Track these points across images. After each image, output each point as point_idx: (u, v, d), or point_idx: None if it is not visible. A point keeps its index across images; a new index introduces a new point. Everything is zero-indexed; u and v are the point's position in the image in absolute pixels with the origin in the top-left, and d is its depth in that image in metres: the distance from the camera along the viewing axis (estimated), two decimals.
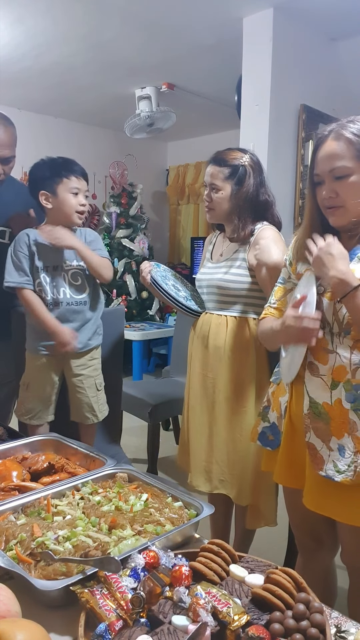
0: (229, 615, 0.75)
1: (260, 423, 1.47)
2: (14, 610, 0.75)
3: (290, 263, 1.40)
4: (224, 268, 1.78)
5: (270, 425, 1.43)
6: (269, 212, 1.80)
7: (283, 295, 1.43)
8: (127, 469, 1.24)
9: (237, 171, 1.72)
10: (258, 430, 1.48)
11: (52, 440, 1.44)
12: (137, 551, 0.88)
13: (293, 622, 0.75)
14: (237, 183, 1.72)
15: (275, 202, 1.83)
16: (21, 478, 1.22)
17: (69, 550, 0.93)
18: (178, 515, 1.05)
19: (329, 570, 1.51)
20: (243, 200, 1.73)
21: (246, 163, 1.73)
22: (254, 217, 1.76)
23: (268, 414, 1.45)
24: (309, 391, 1.27)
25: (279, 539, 2.02)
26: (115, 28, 3.35)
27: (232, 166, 1.73)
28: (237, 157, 1.74)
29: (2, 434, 1.52)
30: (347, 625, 0.81)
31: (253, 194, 1.74)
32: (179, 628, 0.75)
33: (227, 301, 1.76)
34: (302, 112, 3.31)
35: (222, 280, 1.75)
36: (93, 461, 1.31)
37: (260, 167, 1.78)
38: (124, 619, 0.76)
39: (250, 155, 1.76)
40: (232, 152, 1.77)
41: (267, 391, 1.49)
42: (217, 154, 1.78)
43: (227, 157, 1.75)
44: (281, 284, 1.46)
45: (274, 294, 1.46)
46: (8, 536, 0.97)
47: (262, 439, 1.46)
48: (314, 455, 1.25)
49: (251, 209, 1.75)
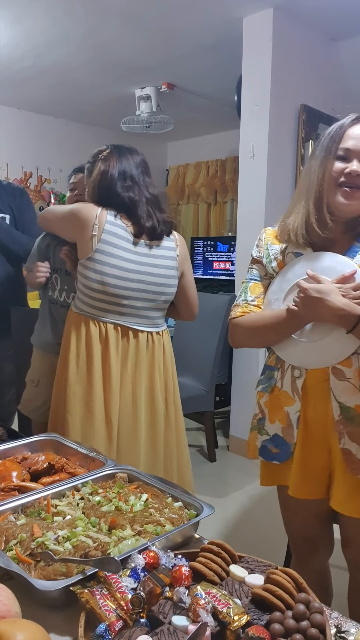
0: (229, 615, 0.75)
1: (258, 437, 1.38)
2: (14, 610, 0.75)
3: (268, 257, 1.36)
4: None
5: (271, 438, 1.35)
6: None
7: (263, 292, 1.37)
8: (127, 469, 1.24)
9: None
10: (257, 445, 1.39)
11: (52, 440, 1.43)
12: (137, 551, 0.87)
13: (293, 623, 0.75)
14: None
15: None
16: (21, 478, 1.21)
17: (68, 551, 0.93)
18: (178, 515, 1.05)
19: (324, 571, 1.50)
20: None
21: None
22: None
23: (265, 425, 1.37)
24: (337, 396, 1.23)
25: (279, 539, 2.02)
26: (115, 28, 3.35)
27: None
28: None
29: (2, 434, 1.52)
30: (347, 626, 0.81)
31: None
32: (179, 628, 0.75)
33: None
34: (302, 112, 3.31)
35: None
36: (93, 461, 1.30)
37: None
38: (124, 619, 0.76)
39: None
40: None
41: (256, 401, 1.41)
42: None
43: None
44: (257, 281, 1.39)
45: (248, 291, 1.39)
46: (8, 536, 0.97)
47: (264, 454, 1.37)
48: (350, 459, 1.22)
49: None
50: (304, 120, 3.32)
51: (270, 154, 3.18)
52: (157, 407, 1.82)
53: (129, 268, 1.71)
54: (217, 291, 4.62)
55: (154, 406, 1.82)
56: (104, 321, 1.74)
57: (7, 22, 3.32)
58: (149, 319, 1.80)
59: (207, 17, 3.17)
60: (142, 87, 4.41)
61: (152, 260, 1.76)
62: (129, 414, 1.78)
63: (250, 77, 3.24)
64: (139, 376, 1.79)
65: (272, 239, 1.39)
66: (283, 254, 1.34)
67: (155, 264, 1.77)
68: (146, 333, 1.79)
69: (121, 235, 1.71)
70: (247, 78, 3.26)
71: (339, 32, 3.35)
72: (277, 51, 3.11)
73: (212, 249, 5.33)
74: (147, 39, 3.52)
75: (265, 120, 3.16)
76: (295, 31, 3.21)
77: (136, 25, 3.32)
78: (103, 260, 1.69)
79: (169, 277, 1.81)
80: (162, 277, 1.78)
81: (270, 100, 3.13)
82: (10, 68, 4.04)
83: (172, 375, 1.91)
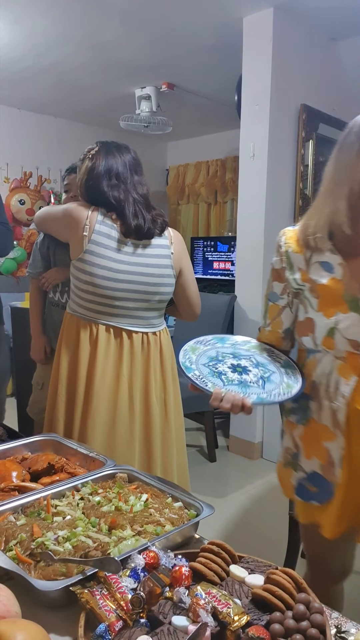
0: (229, 615, 0.75)
1: (293, 474, 1.23)
2: (14, 610, 0.75)
3: (291, 268, 1.18)
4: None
5: (308, 476, 1.20)
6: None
7: (279, 314, 1.24)
8: (127, 469, 1.24)
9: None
10: (293, 483, 1.24)
11: (52, 440, 1.43)
12: (137, 551, 0.87)
13: (293, 623, 0.75)
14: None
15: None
16: (21, 478, 1.21)
17: (68, 551, 0.93)
18: (178, 515, 1.05)
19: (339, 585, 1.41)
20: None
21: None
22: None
23: (300, 461, 1.22)
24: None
25: (279, 539, 2.02)
26: (115, 28, 3.35)
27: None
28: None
29: (2, 434, 1.52)
30: (347, 626, 0.81)
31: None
32: (179, 628, 0.75)
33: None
34: (302, 112, 3.31)
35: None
36: (93, 461, 1.30)
37: None
38: (124, 619, 0.76)
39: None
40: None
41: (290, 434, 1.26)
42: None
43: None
44: (274, 302, 1.25)
45: (267, 313, 1.28)
46: (8, 536, 0.97)
47: (301, 493, 1.22)
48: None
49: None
50: (304, 120, 3.32)
51: (270, 154, 3.18)
52: (152, 408, 1.80)
53: (118, 269, 1.69)
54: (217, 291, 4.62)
55: (148, 408, 1.80)
56: (96, 322, 1.73)
57: (7, 22, 3.32)
58: (143, 319, 1.78)
59: (207, 17, 3.17)
60: (142, 87, 4.41)
61: (144, 259, 1.73)
62: (124, 416, 1.76)
63: (250, 77, 3.24)
64: (135, 377, 1.77)
65: (293, 244, 1.20)
66: (308, 263, 1.17)
67: (146, 263, 1.74)
68: (141, 334, 1.77)
69: (111, 235, 1.69)
70: (247, 78, 3.26)
71: (339, 32, 3.35)
72: (277, 51, 3.11)
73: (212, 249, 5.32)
74: (147, 39, 3.52)
75: (265, 120, 3.16)
76: (295, 31, 3.21)
77: (136, 25, 3.32)
78: (92, 261, 1.67)
79: (163, 277, 1.77)
80: (154, 277, 1.75)
81: (270, 100, 3.13)
82: (10, 68, 4.04)
83: (171, 375, 1.88)
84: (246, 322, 3.36)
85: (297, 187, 3.39)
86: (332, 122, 3.51)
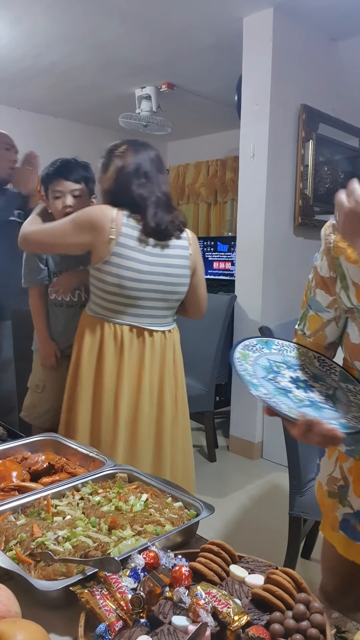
0: (229, 615, 0.75)
1: (339, 507, 1.11)
2: (14, 610, 0.75)
3: (343, 280, 0.95)
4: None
5: (356, 513, 1.08)
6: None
7: (320, 328, 1.07)
8: (127, 469, 1.24)
9: None
10: (337, 517, 1.11)
11: (52, 440, 1.43)
12: (137, 551, 0.87)
13: (293, 623, 0.75)
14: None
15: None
16: (21, 478, 1.21)
17: (68, 551, 0.93)
18: (178, 515, 1.05)
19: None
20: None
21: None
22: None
23: (348, 496, 1.09)
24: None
25: (279, 539, 2.02)
26: (115, 28, 3.35)
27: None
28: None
29: (2, 434, 1.52)
30: (347, 626, 0.81)
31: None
32: (179, 628, 0.75)
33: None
34: (302, 112, 3.31)
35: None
36: (93, 461, 1.30)
37: None
38: (124, 619, 0.76)
39: None
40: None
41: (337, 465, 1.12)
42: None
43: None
44: (317, 312, 1.06)
45: (307, 321, 1.10)
46: (8, 536, 0.97)
47: (346, 529, 1.10)
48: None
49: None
50: (304, 120, 3.32)
51: (270, 154, 3.18)
52: (165, 405, 1.82)
53: (143, 270, 1.70)
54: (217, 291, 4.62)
55: (162, 406, 1.82)
56: (119, 323, 1.73)
57: (7, 22, 3.32)
58: (162, 318, 1.80)
59: (207, 17, 3.17)
60: (142, 87, 4.41)
61: (165, 260, 1.75)
62: (146, 414, 1.78)
63: (250, 77, 3.24)
64: (153, 376, 1.79)
65: (347, 249, 0.94)
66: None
67: (168, 263, 1.75)
68: (160, 332, 1.79)
69: (135, 236, 1.70)
70: (247, 78, 3.26)
71: (339, 32, 3.35)
72: (277, 51, 3.11)
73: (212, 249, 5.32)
74: (147, 39, 3.52)
75: (265, 120, 3.16)
76: (295, 31, 3.21)
77: (136, 25, 3.32)
78: (120, 263, 1.67)
79: (182, 277, 1.80)
80: (174, 277, 1.77)
81: (270, 100, 3.13)
82: (10, 68, 4.04)
83: (180, 373, 1.90)
84: (246, 322, 3.36)
85: (297, 187, 3.39)
86: (332, 122, 3.51)
